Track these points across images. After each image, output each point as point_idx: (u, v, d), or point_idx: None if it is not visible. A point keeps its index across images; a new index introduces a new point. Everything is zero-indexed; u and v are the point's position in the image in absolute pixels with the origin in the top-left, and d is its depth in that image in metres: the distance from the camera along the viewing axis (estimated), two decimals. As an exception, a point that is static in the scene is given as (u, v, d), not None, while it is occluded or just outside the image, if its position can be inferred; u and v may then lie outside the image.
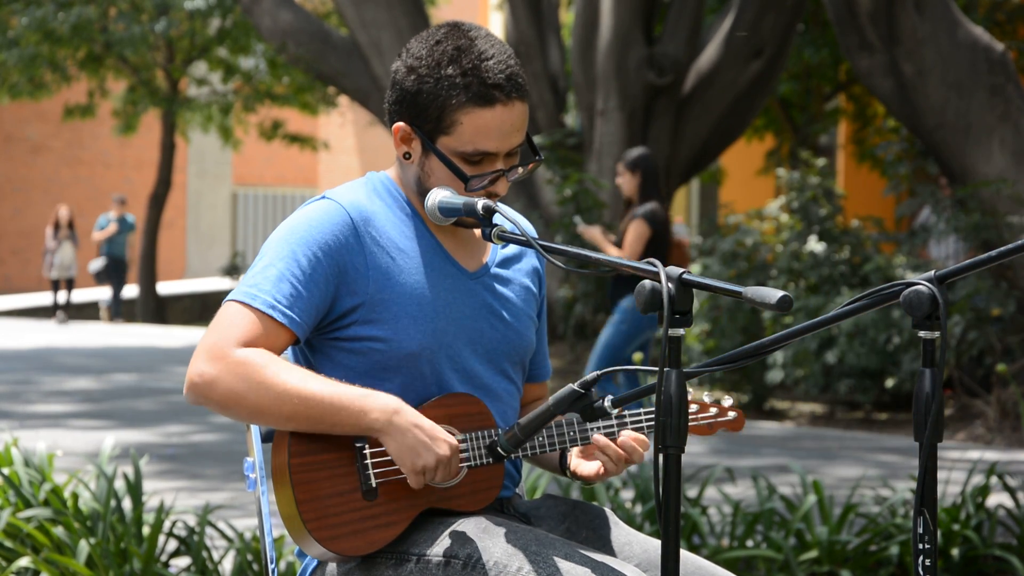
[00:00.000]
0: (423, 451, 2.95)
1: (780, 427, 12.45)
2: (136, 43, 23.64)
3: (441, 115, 3.06)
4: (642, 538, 3.17)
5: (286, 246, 3.05)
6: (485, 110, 3.05)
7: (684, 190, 24.76)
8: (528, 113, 3.12)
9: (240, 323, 2.99)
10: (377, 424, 2.96)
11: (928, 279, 2.68)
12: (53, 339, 20.90)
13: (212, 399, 2.97)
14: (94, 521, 5.76)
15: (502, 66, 3.06)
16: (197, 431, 11.51)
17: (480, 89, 3.04)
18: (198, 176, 35.27)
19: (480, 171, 3.09)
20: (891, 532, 6.20)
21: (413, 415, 2.97)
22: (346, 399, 2.97)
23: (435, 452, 2.96)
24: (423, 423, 2.97)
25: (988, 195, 12.49)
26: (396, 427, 2.96)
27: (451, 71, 3.04)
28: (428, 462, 2.95)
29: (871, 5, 12.67)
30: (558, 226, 14.97)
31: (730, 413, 3.27)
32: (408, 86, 3.08)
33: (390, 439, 2.96)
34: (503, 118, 3.06)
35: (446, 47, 3.06)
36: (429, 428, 2.97)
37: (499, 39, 3.11)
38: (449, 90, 3.04)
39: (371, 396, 2.98)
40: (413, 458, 2.95)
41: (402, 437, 2.96)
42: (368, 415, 2.96)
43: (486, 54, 3.05)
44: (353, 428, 2.97)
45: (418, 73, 3.07)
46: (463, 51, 3.05)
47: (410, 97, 3.08)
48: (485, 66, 3.04)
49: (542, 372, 3.37)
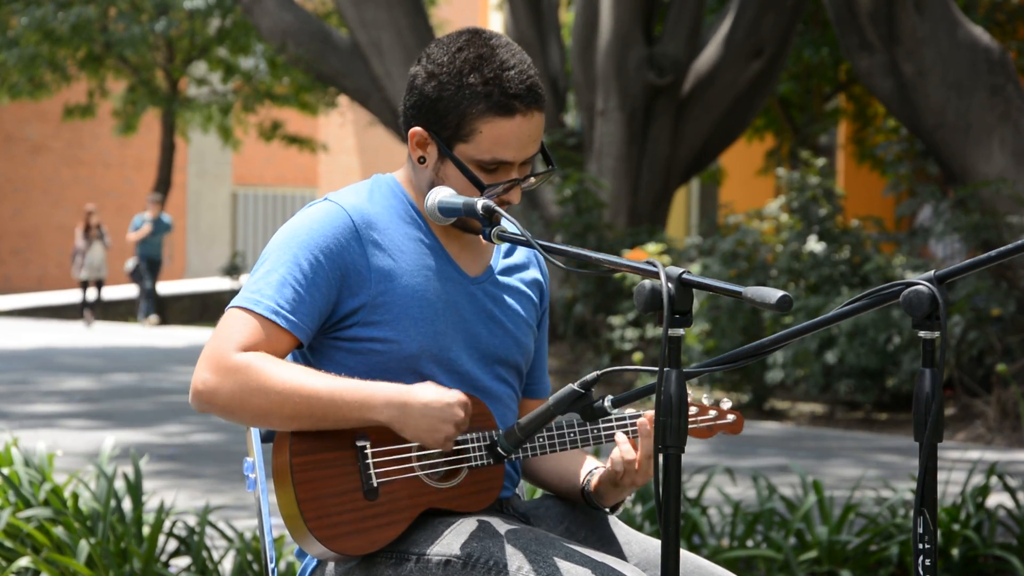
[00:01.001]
0: (441, 425, 2.98)
1: (780, 427, 12.45)
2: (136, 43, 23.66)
3: (460, 123, 3.06)
4: (641, 538, 3.18)
5: (288, 250, 3.05)
6: (505, 120, 3.06)
7: (684, 190, 24.75)
8: (544, 123, 3.13)
9: (242, 329, 3.01)
10: (387, 419, 2.98)
11: (928, 279, 2.68)
12: (53, 339, 20.91)
13: (216, 406, 2.99)
14: (94, 521, 5.76)
15: (523, 76, 3.07)
16: (197, 431, 11.51)
17: (501, 99, 3.05)
18: (198, 176, 35.27)
19: (495, 179, 3.10)
20: (891, 532, 6.20)
21: (417, 398, 2.98)
22: (348, 395, 2.98)
23: (453, 420, 2.97)
24: (429, 399, 2.98)
25: (988, 195, 12.50)
26: (409, 417, 2.98)
27: (472, 79, 3.05)
28: (449, 432, 2.98)
29: (871, 5, 12.67)
30: (558, 226, 14.98)
31: (729, 416, 3.27)
32: (428, 92, 3.08)
33: (405, 428, 2.98)
34: (522, 128, 3.07)
35: (468, 55, 3.07)
36: (435, 400, 2.98)
37: (518, 47, 3.12)
38: (470, 99, 3.05)
39: (373, 391, 2.98)
40: (434, 435, 2.98)
41: (416, 423, 2.97)
42: (373, 411, 2.97)
43: (507, 64, 3.06)
44: (359, 422, 2.99)
45: (439, 80, 3.07)
46: (485, 60, 3.06)
47: (429, 103, 3.08)
48: (507, 76, 3.05)
49: (541, 388, 3.36)
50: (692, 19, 16.38)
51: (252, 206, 36.19)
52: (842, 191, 14.25)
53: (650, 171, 16.46)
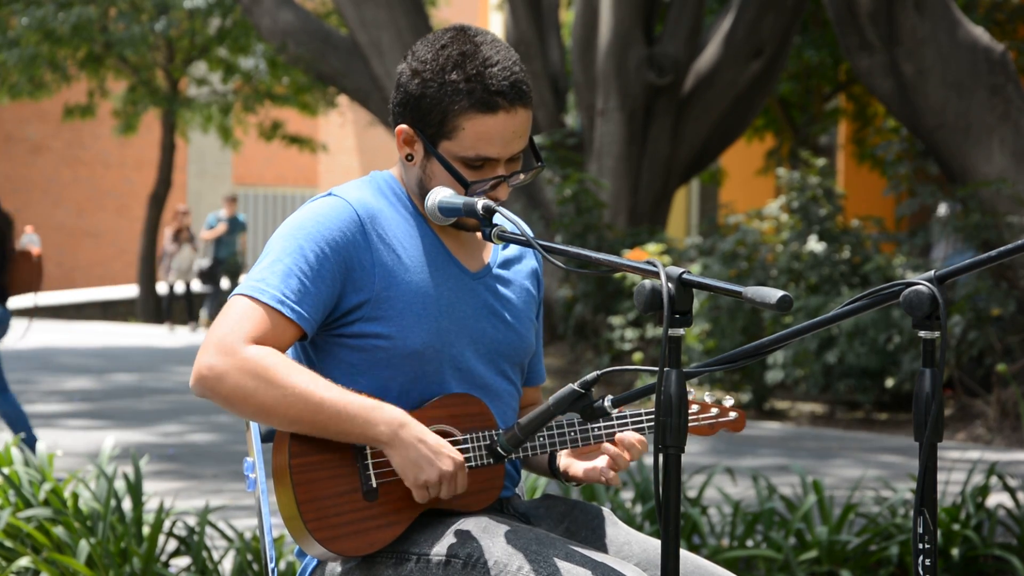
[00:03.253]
0: (426, 466, 2.96)
1: (780, 427, 12.45)
2: (136, 43, 23.64)
3: (444, 120, 3.06)
4: (641, 538, 3.18)
5: (293, 241, 3.05)
6: (487, 116, 3.05)
7: (684, 190, 24.75)
8: (531, 119, 3.12)
9: (249, 318, 2.99)
10: (383, 436, 2.96)
11: (928, 279, 2.68)
12: (53, 339, 20.90)
13: (220, 393, 2.96)
14: (94, 521, 5.76)
15: (506, 72, 3.06)
16: (197, 431, 11.51)
17: (483, 96, 3.04)
18: (198, 176, 35.27)
19: (481, 176, 3.09)
20: (891, 532, 6.20)
21: (419, 430, 2.98)
22: (353, 409, 2.97)
23: (438, 467, 2.96)
24: (428, 438, 2.97)
25: (988, 195, 12.49)
26: (401, 440, 2.96)
27: (455, 76, 3.05)
28: (431, 477, 2.96)
29: (871, 5, 12.67)
30: (558, 226, 14.97)
31: (731, 413, 3.27)
32: (412, 89, 3.08)
33: (394, 452, 2.97)
34: (505, 125, 3.07)
35: (451, 52, 3.06)
36: (434, 443, 2.97)
37: (505, 44, 3.11)
38: (452, 95, 3.04)
39: (378, 408, 2.98)
40: (416, 472, 2.96)
41: (405, 451, 2.96)
42: (374, 427, 2.96)
43: (491, 60, 3.06)
44: (358, 438, 2.97)
45: (422, 77, 3.07)
46: (468, 56, 3.06)
47: (414, 100, 3.08)
48: (489, 72, 3.05)
49: (537, 376, 3.37)
50: (692, 19, 16.38)
51: (252, 206, 36.19)
52: (842, 191, 14.25)
53: (650, 171, 16.46)
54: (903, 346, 12.26)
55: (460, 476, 2.98)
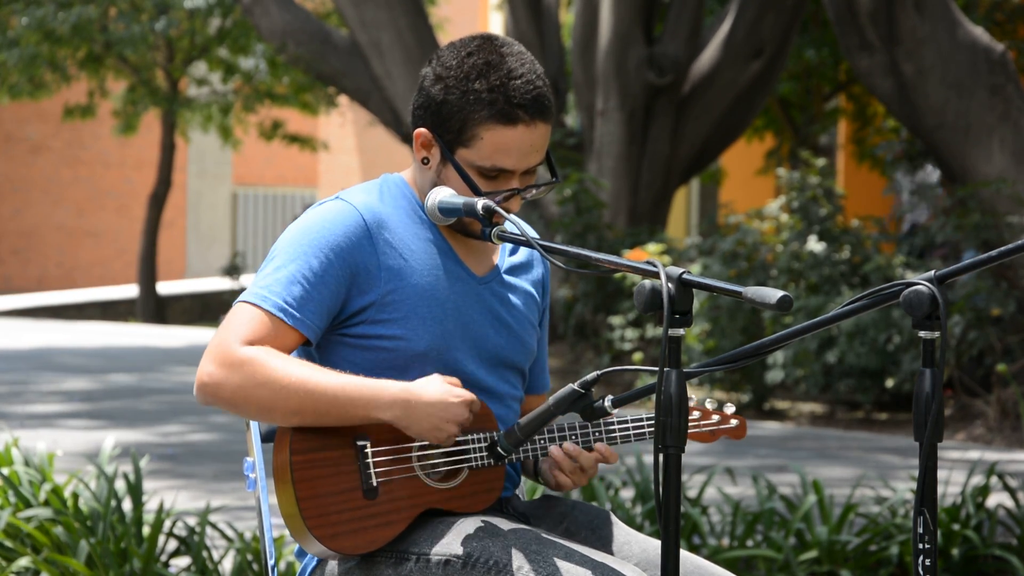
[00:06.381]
0: (444, 424, 3.00)
1: (780, 427, 12.45)
2: (136, 43, 23.63)
3: (463, 127, 3.07)
4: (641, 538, 3.18)
5: (298, 247, 3.06)
6: (507, 128, 3.06)
7: (684, 190, 24.74)
8: (550, 134, 3.12)
9: (249, 324, 3.01)
10: (391, 418, 2.99)
11: (928, 279, 2.68)
12: (53, 339, 20.90)
13: (221, 399, 2.99)
14: (94, 521, 5.76)
15: (529, 86, 3.06)
16: (196, 431, 11.51)
17: (504, 107, 3.05)
18: (198, 176, 35.26)
19: (496, 187, 3.10)
20: (891, 532, 6.20)
21: (421, 394, 3.00)
22: (353, 392, 2.99)
23: (456, 420, 3.00)
24: (433, 398, 3.00)
25: (988, 195, 12.49)
26: (411, 417, 3.00)
27: (478, 85, 3.05)
28: (452, 431, 3.01)
29: (871, 5, 12.67)
30: (558, 226, 14.97)
31: (733, 421, 3.28)
32: (434, 94, 3.09)
33: (410, 427, 3.00)
34: (524, 138, 3.07)
35: (476, 60, 3.07)
36: (440, 400, 3.00)
37: (531, 58, 3.11)
38: (474, 104, 3.05)
39: (379, 390, 2.99)
40: (436, 433, 3.01)
41: (419, 424, 3.00)
42: (378, 410, 2.99)
43: (515, 72, 3.06)
44: (363, 420, 3.01)
45: (445, 83, 3.08)
46: (493, 67, 3.06)
47: (435, 105, 3.09)
48: (513, 84, 3.05)
49: (540, 384, 3.37)
50: (692, 19, 16.38)
51: (252, 206, 36.17)
52: (842, 191, 14.25)
53: (650, 171, 16.46)
54: (903, 346, 12.26)
55: (474, 407, 3.02)
